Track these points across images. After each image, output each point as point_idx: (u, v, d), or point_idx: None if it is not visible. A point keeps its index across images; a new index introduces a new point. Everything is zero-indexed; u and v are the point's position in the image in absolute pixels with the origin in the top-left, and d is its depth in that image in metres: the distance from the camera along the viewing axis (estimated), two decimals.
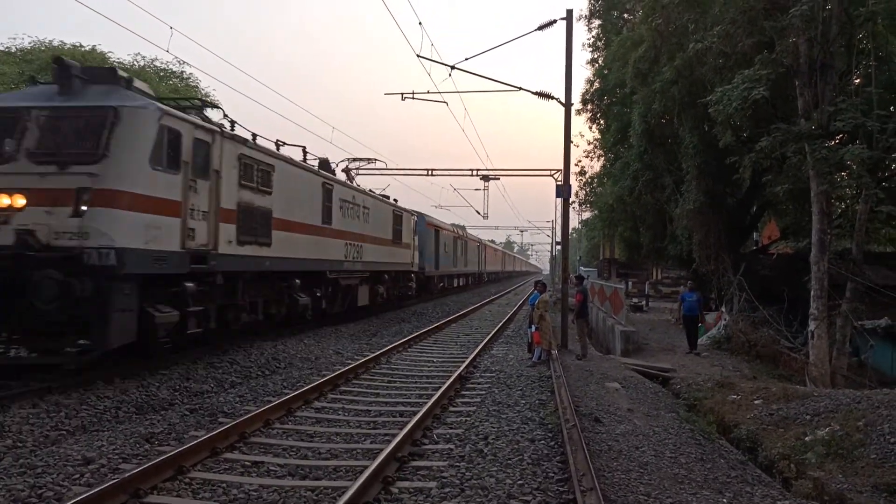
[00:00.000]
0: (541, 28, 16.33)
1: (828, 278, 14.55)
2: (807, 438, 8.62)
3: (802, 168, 14.67)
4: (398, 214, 24.47)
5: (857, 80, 16.37)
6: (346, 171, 23.18)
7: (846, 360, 15.38)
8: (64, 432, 6.99)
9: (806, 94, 14.63)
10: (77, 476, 5.70)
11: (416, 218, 27.92)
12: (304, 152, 16.32)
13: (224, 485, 5.65)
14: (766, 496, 6.44)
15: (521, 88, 17.93)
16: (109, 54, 32.06)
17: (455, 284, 41.02)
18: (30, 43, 30.43)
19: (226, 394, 9.40)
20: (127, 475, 5.29)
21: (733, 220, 22.41)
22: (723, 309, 20.61)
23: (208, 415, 8.10)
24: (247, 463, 6.29)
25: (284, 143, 14.83)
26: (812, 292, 14.62)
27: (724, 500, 6.06)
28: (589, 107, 29.94)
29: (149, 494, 5.30)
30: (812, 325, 14.59)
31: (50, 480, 5.53)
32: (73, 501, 4.72)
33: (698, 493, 6.13)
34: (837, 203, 17.29)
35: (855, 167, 14.48)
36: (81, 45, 31.08)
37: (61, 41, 30.86)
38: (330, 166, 18.78)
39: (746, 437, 9.49)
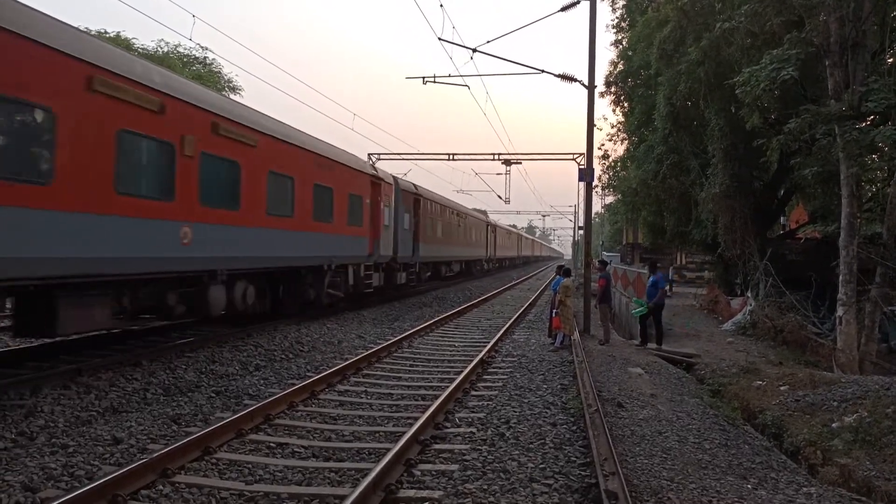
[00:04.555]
0: (564, 9, 16.12)
1: (857, 263, 14.27)
2: (834, 425, 8.51)
3: (832, 150, 14.34)
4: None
5: (891, 60, 15.93)
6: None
7: (875, 346, 15.11)
8: (94, 413, 7.14)
9: (836, 75, 14.27)
10: (107, 455, 5.83)
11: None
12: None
13: (250, 465, 5.74)
14: (791, 482, 6.37)
15: (543, 71, 17.77)
16: (134, 40, 32.38)
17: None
18: None
19: (251, 376, 9.53)
20: (155, 455, 5.39)
21: (760, 203, 22.04)
22: (748, 294, 20.35)
23: (234, 397, 8.23)
24: (272, 444, 6.37)
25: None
26: (840, 277, 14.35)
27: (749, 486, 6.01)
28: (612, 89, 29.52)
29: (177, 474, 5.40)
30: (840, 311, 14.34)
31: (81, 460, 5.66)
32: (103, 480, 4.82)
33: (722, 478, 6.09)
34: (868, 186, 16.93)
35: (886, 149, 14.13)
36: (106, 32, 31.41)
37: (87, 27, 31.22)
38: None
39: (772, 424, 9.39)
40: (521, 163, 37.52)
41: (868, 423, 8.19)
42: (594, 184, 21.59)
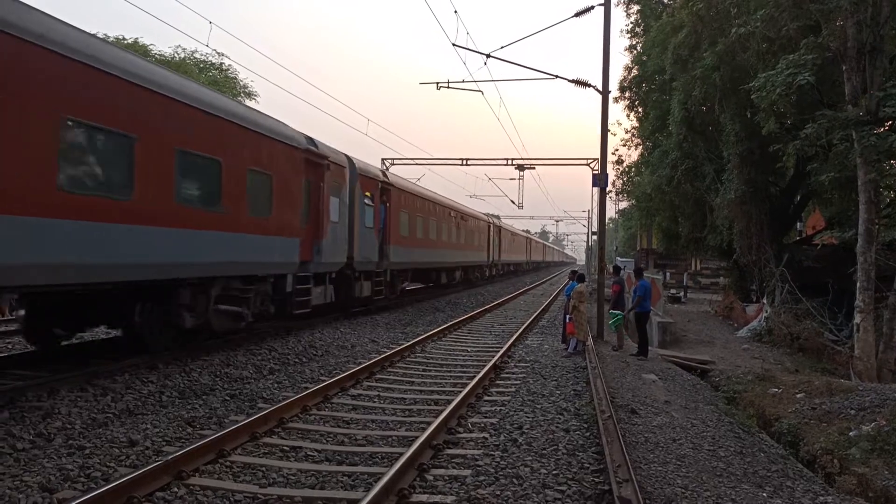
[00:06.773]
0: (578, 14, 16.10)
1: (875, 269, 14.11)
2: (851, 433, 8.41)
3: (849, 156, 14.21)
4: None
5: None
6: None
7: (893, 353, 14.93)
8: (110, 415, 7.21)
9: (853, 79, 14.14)
10: (123, 457, 5.89)
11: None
12: None
13: (263, 468, 5.78)
14: (807, 491, 6.30)
15: (557, 76, 17.77)
16: (151, 47, 32.77)
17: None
18: None
19: (264, 380, 9.58)
20: (170, 457, 5.43)
21: (776, 209, 21.88)
22: (764, 301, 20.18)
23: (248, 400, 8.28)
24: (285, 448, 6.41)
25: None
26: (858, 284, 14.20)
27: (765, 495, 5.95)
28: (627, 94, 29.44)
29: (191, 476, 5.44)
30: (858, 318, 14.18)
31: (97, 461, 5.72)
32: (119, 481, 4.87)
33: (737, 486, 6.04)
34: (886, 192, 16.75)
35: None
36: (124, 38, 31.80)
37: (105, 33, 31.63)
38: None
39: (788, 432, 9.30)
40: (534, 168, 37.52)
41: (886, 432, 8.08)
42: (608, 189, 21.53)
